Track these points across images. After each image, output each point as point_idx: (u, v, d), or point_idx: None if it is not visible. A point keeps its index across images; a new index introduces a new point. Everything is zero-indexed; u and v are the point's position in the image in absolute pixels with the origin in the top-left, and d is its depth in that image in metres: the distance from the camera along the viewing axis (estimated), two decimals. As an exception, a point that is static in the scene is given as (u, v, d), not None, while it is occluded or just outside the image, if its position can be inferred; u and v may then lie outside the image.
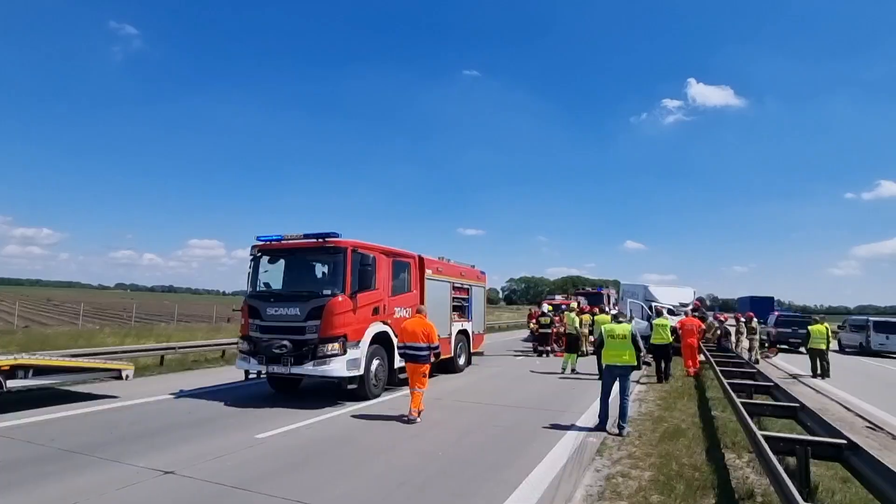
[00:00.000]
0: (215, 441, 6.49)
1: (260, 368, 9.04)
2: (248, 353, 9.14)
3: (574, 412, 8.60)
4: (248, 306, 9.38)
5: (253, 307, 9.29)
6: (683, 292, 21.91)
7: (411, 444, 6.62)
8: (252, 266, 9.79)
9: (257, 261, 9.79)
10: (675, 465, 5.82)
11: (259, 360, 8.94)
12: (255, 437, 6.67)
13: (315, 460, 5.86)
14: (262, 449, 6.22)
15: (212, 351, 14.92)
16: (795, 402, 6.60)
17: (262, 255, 9.80)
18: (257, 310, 9.19)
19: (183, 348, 13.93)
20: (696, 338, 13.82)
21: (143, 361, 12.93)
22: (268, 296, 9.40)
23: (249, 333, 9.25)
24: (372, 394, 9.27)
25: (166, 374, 12.19)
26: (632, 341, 7.57)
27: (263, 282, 9.78)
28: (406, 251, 11.20)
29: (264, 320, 9.08)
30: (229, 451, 6.08)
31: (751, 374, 9.79)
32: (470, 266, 14.74)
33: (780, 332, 22.55)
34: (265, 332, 9.02)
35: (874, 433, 8.27)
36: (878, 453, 6.17)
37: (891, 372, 17.30)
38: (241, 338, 9.48)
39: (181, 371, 12.65)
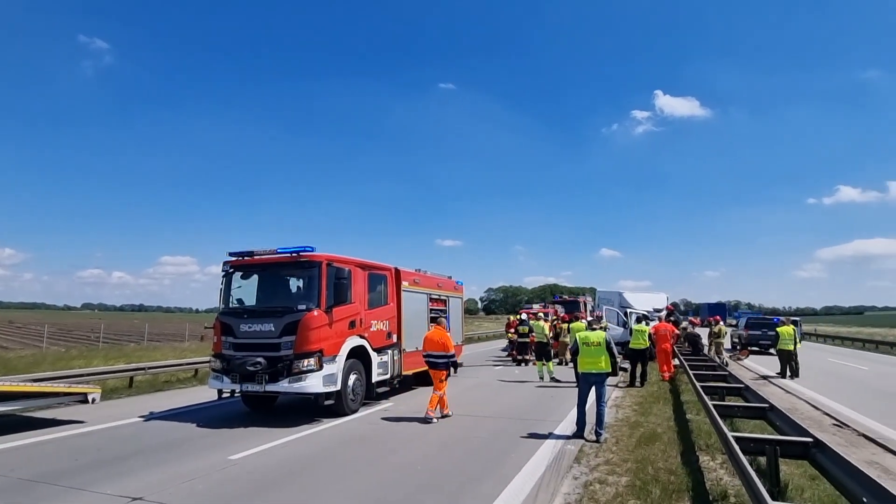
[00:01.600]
0: (186, 464, 6.29)
1: (233, 387, 8.82)
2: (221, 371, 8.92)
3: (552, 421, 8.64)
4: (221, 323, 9.18)
5: (225, 324, 9.10)
6: (657, 298, 22.39)
7: (390, 458, 6.54)
8: (224, 282, 9.60)
9: (229, 277, 9.61)
10: (651, 469, 5.90)
11: (232, 379, 8.73)
12: (228, 459, 6.49)
13: (290, 480, 5.73)
14: (236, 470, 6.06)
15: (184, 370, 14.51)
16: (765, 403, 6.78)
17: (234, 271, 9.62)
18: (230, 327, 9.00)
19: (153, 369, 13.50)
20: (669, 343, 14.08)
21: (111, 384, 12.49)
22: (241, 312, 9.21)
23: (222, 351, 9.03)
24: (350, 409, 9.14)
25: (136, 396, 11.79)
26: (606, 348, 7.67)
27: (236, 298, 9.59)
28: (382, 264, 11.16)
29: (237, 337, 8.89)
30: (201, 473, 5.90)
31: (723, 377, 10.02)
32: (447, 277, 14.74)
33: (750, 334, 23.14)
34: (238, 349, 8.83)
35: (841, 430, 8.54)
36: (844, 450, 6.37)
37: (858, 371, 17.92)
38: (214, 356, 9.25)
39: (151, 392, 12.26)
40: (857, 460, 6.29)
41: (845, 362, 20.72)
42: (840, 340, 34.82)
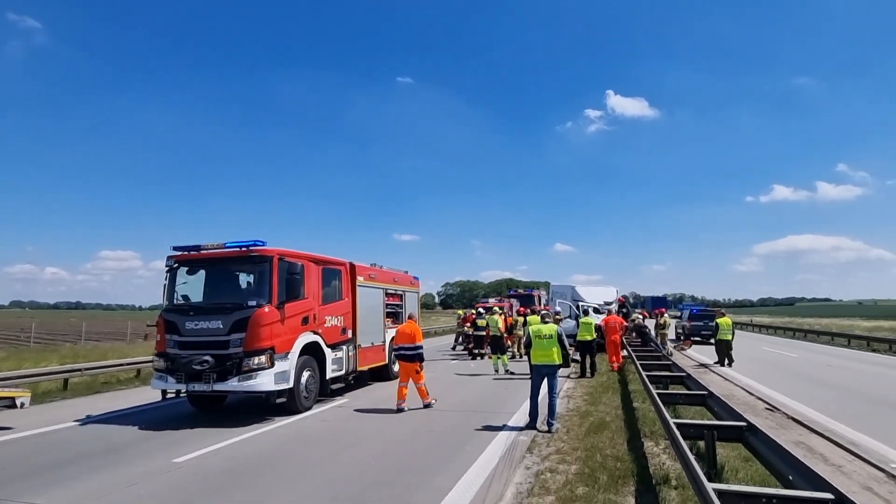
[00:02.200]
0: (127, 469, 5.99)
1: (179, 387, 8.47)
2: (165, 371, 8.54)
3: (506, 413, 8.79)
4: (165, 321, 8.78)
5: (170, 322, 8.71)
6: (607, 291, 23.14)
7: (344, 455, 6.47)
8: (168, 278, 9.18)
9: (174, 273, 9.20)
10: (600, 456, 6.11)
11: (178, 379, 8.38)
12: (173, 462, 6.23)
13: (240, 481, 5.57)
14: (181, 473, 5.82)
15: (125, 371, 13.78)
16: (704, 391, 7.15)
17: (178, 266, 9.21)
18: (175, 324, 8.62)
19: (91, 369, 12.74)
20: (619, 334, 14.60)
21: (44, 386, 11.71)
22: (186, 309, 8.84)
23: (166, 350, 8.65)
24: (303, 406, 8.96)
25: (71, 399, 11.10)
26: (558, 341, 7.86)
27: (181, 294, 9.19)
28: (337, 258, 10.98)
29: (183, 335, 8.53)
30: (143, 478, 5.64)
31: (667, 366, 10.49)
32: (403, 272, 14.68)
33: (693, 325, 24.36)
34: (184, 347, 8.48)
35: (772, 414, 9.12)
36: (774, 433, 6.81)
37: (789, 358, 19.19)
38: (157, 355, 8.84)
39: (89, 395, 11.57)
40: (786, 441, 6.74)
41: (778, 350, 22.17)
42: (774, 330, 37.26)
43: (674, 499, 4.76)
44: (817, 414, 8.97)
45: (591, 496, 4.86)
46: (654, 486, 5.15)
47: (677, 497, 4.78)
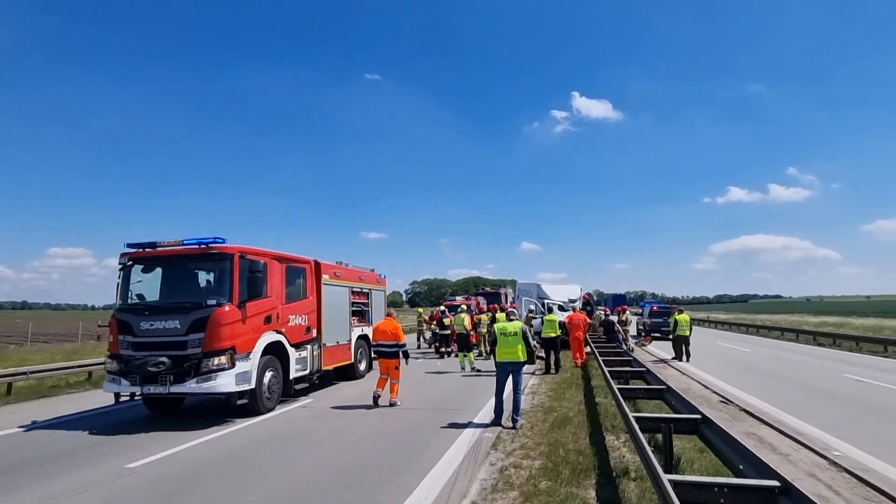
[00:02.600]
0: (76, 476, 5.71)
1: (133, 390, 8.14)
2: (118, 373, 8.19)
3: (472, 410, 8.83)
4: (118, 321, 8.41)
5: (123, 322, 8.35)
6: (571, 289, 23.63)
7: (307, 456, 6.36)
8: (122, 277, 8.80)
9: (128, 270, 8.82)
10: (563, 451, 6.22)
11: (132, 381, 8.04)
12: (125, 467, 5.97)
13: (197, 485, 5.39)
14: (134, 480, 5.60)
15: (75, 374, 13.14)
16: (663, 385, 7.37)
17: (133, 263, 8.84)
18: (129, 325, 8.27)
19: (37, 372, 12.09)
20: (582, 331, 14.90)
21: (-16, 391, 11.04)
22: (141, 309, 8.49)
23: (119, 351, 8.29)
24: (265, 408, 8.76)
25: (15, 404, 10.50)
26: (522, 338, 7.95)
27: (136, 294, 8.82)
28: (301, 256, 10.77)
29: (137, 336, 8.19)
30: (93, 485, 5.39)
31: (628, 362, 10.77)
32: (369, 270, 14.55)
33: (653, 321, 25.11)
34: (139, 348, 8.14)
35: (726, 406, 9.49)
36: (727, 424, 7.07)
37: (742, 353, 20.03)
38: (109, 356, 8.46)
39: (35, 399, 10.98)
40: (738, 432, 7.01)
41: (732, 345, 23.11)
42: (728, 326, 38.86)
43: (632, 490, 4.89)
44: (767, 405, 9.40)
45: (554, 490, 4.94)
46: (615, 479, 5.28)
47: (636, 489, 4.92)
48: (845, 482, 5.40)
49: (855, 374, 13.46)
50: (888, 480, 5.44)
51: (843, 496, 5.01)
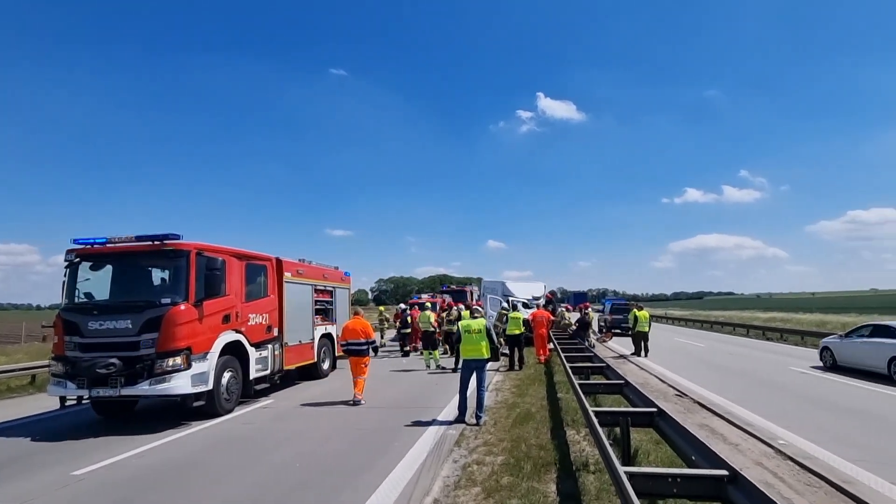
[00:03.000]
0: (18, 484, 5.40)
1: (80, 393, 7.76)
2: (64, 375, 7.78)
3: (436, 407, 8.84)
4: (64, 321, 7.99)
5: (70, 322, 7.93)
6: (535, 287, 23.96)
7: (267, 458, 6.21)
8: (68, 275, 8.35)
9: (75, 268, 8.38)
10: (525, 446, 6.30)
11: (79, 384, 7.66)
12: (71, 475, 5.69)
13: (149, 493, 5.18)
14: (81, 487, 5.33)
15: (17, 377, 12.41)
16: (621, 380, 7.56)
17: (80, 260, 8.40)
18: (76, 325, 7.86)
19: (-25, 377, 11.37)
20: (546, 328, 15.13)
21: (-86, 398, 10.29)
22: (90, 308, 8.08)
23: (66, 353, 7.87)
24: (223, 409, 8.52)
25: (-51, 410, 9.83)
26: (487, 335, 8.01)
27: (84, 292, 8.39)
28: (262, 253, 10.50)
29: (85, 336, 7.80)
30: (36, 494, 5.11)
31: (589, 358, 11.00)
32: (333, 268, 14.34)
33: (614, 318, 25.77)
34: (87, 350, 7.76)
35: (681, 399, 9.84)
36: (682, 417, 7.32)
37: (697, 347, 20.80)
38: (54, 358, 8.02)
39: (-28, 405, 10.32)
40: (691, 424, 7.26)
41: (688, 341, 23.99)
42: (685, 322, 40.32)
43: (592, 483, 5.00)
44: (719, 398, 9.79)
45: (516, 485, 4.99)
46: (575, 473, 5.38)
47: (595, 481, 5.03)
48: (789, 469, 5.69)
49: (800, 367, 14.21)
50: (827, 466, 5.76)
51: (787, 482, 5.27)
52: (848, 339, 13.75)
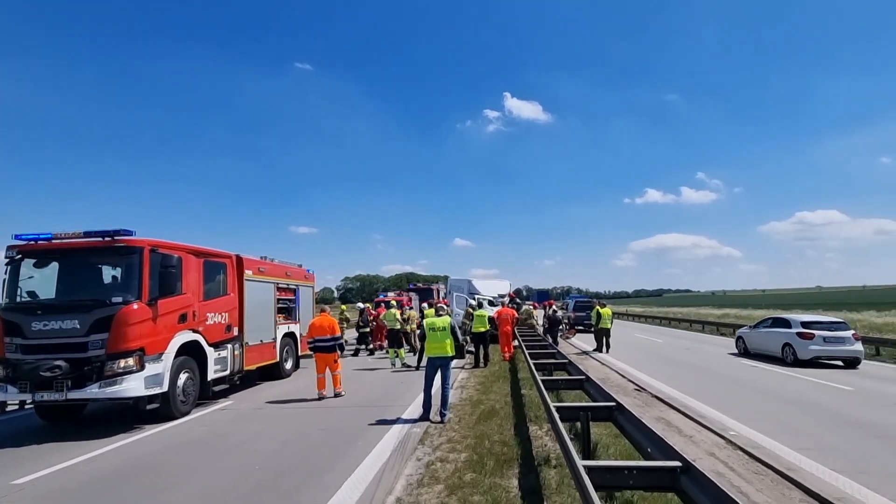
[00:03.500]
0: (-52, 497, 5.05)
1: (22, 397, 7.33)
2: (5, 379, 7.34)
3: (400, 405, 8.80)
4: (4, 321, 7.52)
5: (11, 322, 7.48)
6: (501, 285, 24.18)
7: (225, 462, 6.03)
8: (9, 272, 7.87)
9: (17, 265, 7.91)
10: (488, 443, 6.35)
11: (21, 388, 7.24)
12: (11, 484, 5.37)
13: (98, 500, 4.95)
14: (21, 497, 5.04)
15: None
16: (582, 375, 7.71)
17: (23, 257, 7.94)
18: (17, 325, 7.43)
19: None
20: (510, 325, 15.28)
21: None
22: (34, 307, 7.64)
23: (6, 355, 7.42)
24: (179, 412, 8.22)
25: None
26: (451, 333, 8.02)
27: (26, 291, 7.93)
28: (221, 251, 10.18)
29: (28, 338, 7.38)
30: (-31, 506, 4.79)
31: (552, 354, 11.18)
32: (297, 265, 14.06)
33: (577, 315, 26.30)
34: (30, 351, 7.34)
35: (640, 394, 10.14)
36: (640, 410, 7.54)
37: (656, 343, 21.47)
38: (-7, 361, 7.55)
39: None
40: (649, 418, 7.49)
41: (647, 337, 24.75)
42: (644, 319, 41.58)
43: (553, 477, 5.09)
44: (676, 391, 10.14)
45: (478, 481, 5.02)
46: (536, 467, 5.46)
47: (556, 475, 5.12)
48: (739, 459, 5.95)
49: (750, 361, 14.87)
50: (773, 455, 6.05)
51: (736, 471, 5.50)
52: (755, 329, 16.51)
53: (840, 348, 13.62)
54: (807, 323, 14.20)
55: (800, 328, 14.12)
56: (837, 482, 5.18)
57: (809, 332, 13.81)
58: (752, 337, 16.52)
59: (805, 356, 13.62)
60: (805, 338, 13.80)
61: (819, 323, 14.24)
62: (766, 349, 15.33)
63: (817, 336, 13.66)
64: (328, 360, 9.81)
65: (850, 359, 13.73)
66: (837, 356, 13.76)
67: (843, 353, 13.67)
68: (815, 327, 13.96)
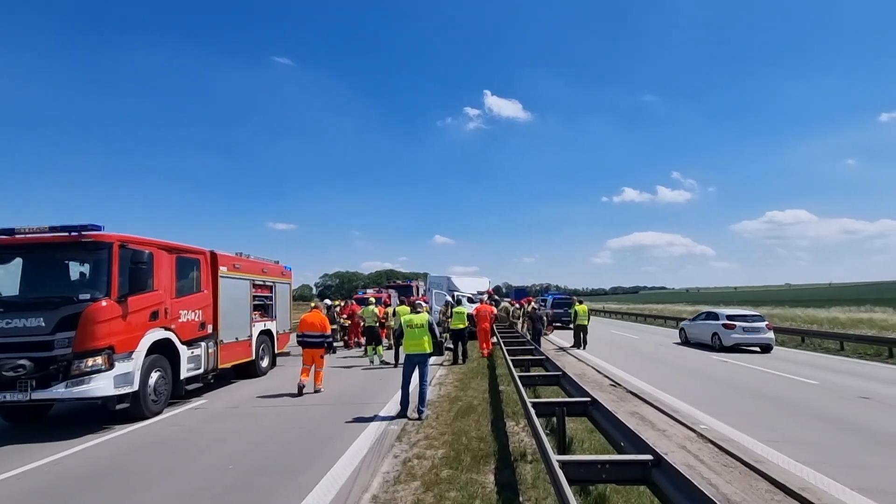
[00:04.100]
0: None
1: (-17, 398, 7.05)
2: (-35, 380, 7.05)
3: (378, 403, 8.77)
4: (-37, 320, 7.23)
5: (-30, 321, 7.19)
6: (480, 282, 24.32)
7: (197, 462, 5.91)
8: (-31, 268, 7.58)
9: (-23, 261, 7.61)
10: (465, 439, 6.37)
11: (-18, 389, 6.97)
12: (-30, 488, 5.18)
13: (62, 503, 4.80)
14: (-18, 501, 4.86)
15: None
16: (559, 371, 7.80)
17: (-16, 252, 7.64)
18: (-23, 324, 7.14)
19: None
20: (489, 322, 15.36)
21: None
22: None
23: (-35, 355, 7.13)
24: (151, 411, 8.04)
25: None
26: (429, 329, 8.02)
27: (-13, 287, 7.64)
28: (195, 247, 9.97)
29: (-12, 336, 7.10)
30: (-75, 512, 4.60)
31: (529, 351, 11.28)
32: (273, 262, 13.86)
33: (555, 312, 26.58)
34: (-10, 351, 7.07)
35: (615, 389, 10.30)
36: (614, 405, 7.66)
37: (632, 339, 21.84)
38: (-48, 361, 7.25)
39: None
40: (623, 412, 7.62)
41: (624, 333, 25.16)
42: (621, 315, 42.27)
43: (528, 472, 5.13)
44: (650, 386, 10.33)
45: (455, 477, 5.04)
46: (513, 463, 5.50)
47: (531, 470, 5.16)
48: (709, 452, 6.10)
49: (721, 357, 15.25)
50: (741, 447, 6.22)
51: (706, 464, 5.64)
52: (693, 321, 19.35)
53: (756, 336, 16.14)
54: (730, 316, 16.91)
55: (725, 320, 16.71)
56: (801, 472, 5.35)
57: (732, 324, 16.40)
58: (690, 328, 19.12)
59: (728, 343, 16.25)
60: (728, 328, 16.38)
61: (740, 316, 16.84)
62: (701, 338, 17.92)
63: (738, 327, 16.26)
64: (315, 355, 9.94)
65: (764, 345, 16.20)
66: (754, 343, 16.26)
67: (759, 341, 16.16)
68: (737, 319, 16.55)
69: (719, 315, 17.39)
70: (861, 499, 4.68)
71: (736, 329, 16.25)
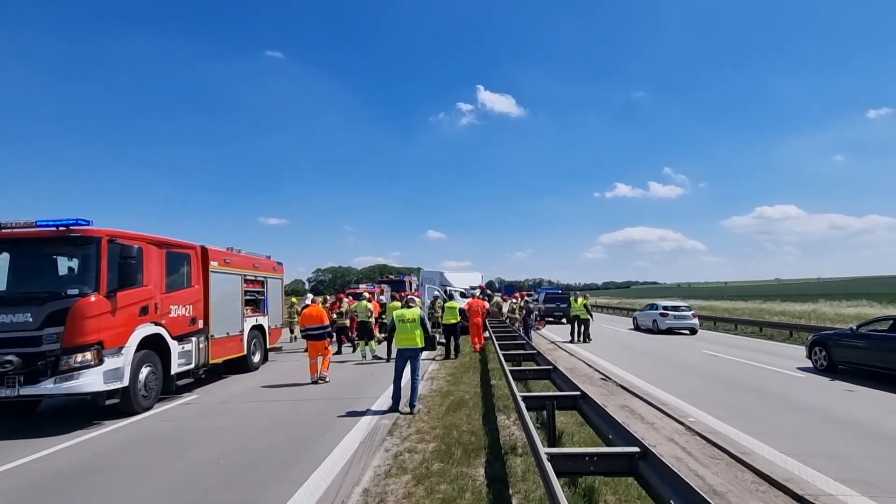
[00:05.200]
0: None
1: (-29, 394, 6.99)
2: (-50, 376, 6.98)
3: (370, 397, 8.79)
4: (-52, 315, 7.15)
5: (-43, 316, 7.12)
6: (473, 277, 24.36)
7: (187, 457, 5.91)
8: (-45, 263, 7.49)
9: (-37, 256, 7.53)
10: (457, 433, 6.41)
11: (-31, 385, 6.90)
12: (-42, 485, 5.14)
13: (52, 499, 4.78)
14: (-31, 497, 4.83)
15: None
16: (550, 366, 7.85)
17: (-31, 247, 7.55)
18: (-37, 319, 7.07)
19: None
20: (481, 317, 15.41)
21: None
22: (-20, 300, 7.29)
23: (-49, 351, 7.06)
24: (141, 407, 8.01)
25: None
26: (420, 324, 8.04)
27: (-27, 283, 7.56)
28: (185, 241, 9.91)
29: (-26, 332, 7.04)
30: (-88, 509, 4.56)
31: (521, 345, 11.32)
32: (265, 257, 13.81)
33: (547, 307, 26.71)
34: (-23, 347, 7.00)
35: (605, 383, 10.39)
36: (604, 399, 7.73)
37: (622, 334, 21.99)
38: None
39: None
40: (613, 406, 7.70)
41: (615, 328, 25.32)
42: (613, 310, 42.55)
43: (518, 465, 5.18)
44: (640, 380, 10.43)
45: (446, 471, 5.07)
46: (503, 456, 5.54)
47: (521, 464, 5.21)
48: (697, 444, 6.18)
49: (711, 350, 15.41)
50: (728, 439, 6.31)
51: (694, 456, 5.72)
52: (642, 311, 23.41)
53: (684, 322, 20.77)
54: (665, 307, 21.44)
55: (661, 310, 21.24)
56: (786, 464, 5.44)
57: (666, 312, 21.00)
58: (640, 316, 23.43)
59: (663, 327, 20.79)
60: (663, 316, 20.98)
61: (672, 306, 21.49)
62: (646, 325, 22.20)
63: (670, 315, 20.88)
64: (319, 347, 10.44)
65: (690, 328, 20.81)
66: (683, 327, 20.79)
67: (686, 325, 20.78)
68: (670, 309, 21.18)
69: (658, 306, 21.82)
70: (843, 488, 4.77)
71: (669, 317, 20.77)
